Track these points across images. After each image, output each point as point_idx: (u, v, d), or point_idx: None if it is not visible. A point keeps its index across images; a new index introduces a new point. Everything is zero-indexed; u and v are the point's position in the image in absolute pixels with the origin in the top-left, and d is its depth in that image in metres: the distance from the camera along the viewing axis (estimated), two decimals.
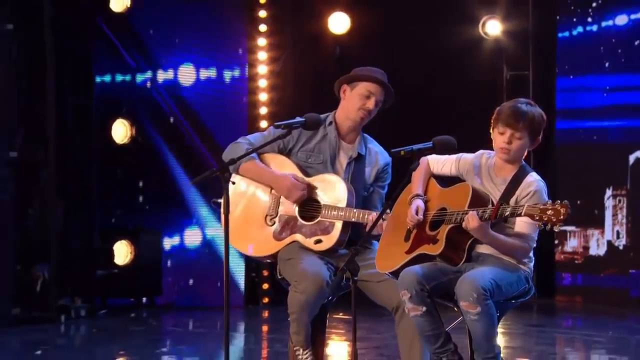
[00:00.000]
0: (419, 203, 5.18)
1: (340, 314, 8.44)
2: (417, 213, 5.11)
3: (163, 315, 9.59)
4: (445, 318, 5.20)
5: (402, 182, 5.17)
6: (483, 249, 5.12)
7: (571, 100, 10.83)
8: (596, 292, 10.43)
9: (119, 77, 10.15)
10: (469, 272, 5.02)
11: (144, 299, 9.87)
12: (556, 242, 10.51)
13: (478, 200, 4.96)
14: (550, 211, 4.74)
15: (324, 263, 5.42)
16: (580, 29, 10.62)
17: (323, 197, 5.69)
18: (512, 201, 5.01)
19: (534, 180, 5.01)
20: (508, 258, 5.11)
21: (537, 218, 4.75)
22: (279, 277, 5.65)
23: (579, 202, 10.19)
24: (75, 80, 9.69)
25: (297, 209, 5.65)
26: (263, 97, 10.10)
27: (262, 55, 10.00)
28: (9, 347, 8.66)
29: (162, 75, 10.26)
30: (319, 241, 5.63)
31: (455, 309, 5.00)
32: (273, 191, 5.68)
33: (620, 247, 10.31)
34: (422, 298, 5.07)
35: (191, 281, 9.85)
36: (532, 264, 5.15)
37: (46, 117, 9.22)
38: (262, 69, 9.96)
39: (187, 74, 10.27)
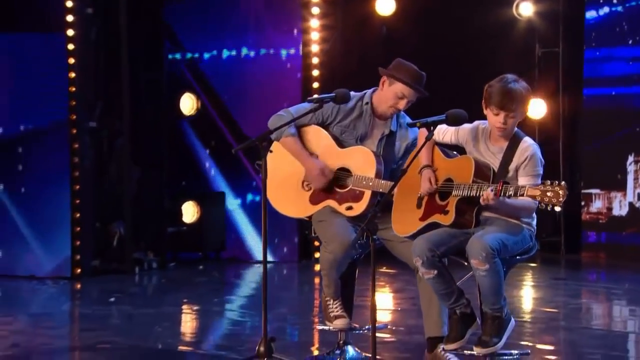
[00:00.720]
0: (430, 174, 5.29)
1: (384, 267, 8.88)
2: (431, 183, 5.22)
3: (226, 268, 9.93)
4: (458, 275, 5.37)
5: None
6: (490, 213, 5.20)
7: (598, 70, 10.89)
8: (618, 249, 10.52)
9: (188, 55, 10.62)
10: (478, 233, 5.15)
11: (210, 254, 10.21)
12: (582, 203, 10.69)
13: (480, 172, 5.07)
14: (550, 193, 4.85)
15: (352, 226, 5.59)
16: (606, 9, 10.67)
17: (355, 167, 5.81)
18: (512, 168, 5.12)
19: (528, 145, 5.10)
20: (513, 219, 5.21)
21: (539, 199, 4.84)
22: (313, 235, 5.91)
23: (603, 166, 10.49)
24: (147, 57, 10.12)
25: (334, 177, 5.79)
26: (315, 73, 10.33)
27: (314, 36, 10.25)
28: (90, 295, 9.18)
29: (226, 53, 10.66)
30: (349, 208, 5.80)
31: (466, 264, 5.15)
32: (317, 160, 5.84)
33: None
34: (433, 263, 5.20)
35: (250, 238, 10.21)
36: (534, 222, 5.24)
37: (122, 91, 9.68)
38: (315, 48, 10.25)
39: (248, 53, 10.63)
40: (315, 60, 10.47)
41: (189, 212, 10.23)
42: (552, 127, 10.73)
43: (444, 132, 5.26)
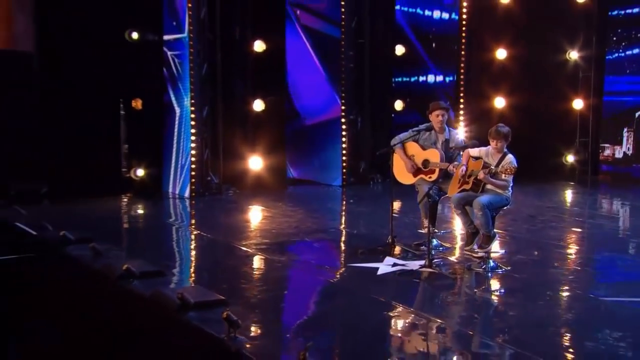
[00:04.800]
0: (464, 168, 6.96)
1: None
2: (464, 173, 6.80)
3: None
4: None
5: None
6: (488, 187, 6.84)
7: (614, 87, 12.06)
8: (616, 174, 12.41)
9: None
10: (479, 196, 6.79)
11: None
12: (600, 151, 12.62)
13: (485, 167, 6.77)
14: (507, 171, 6.65)
15: (430, 186, 7.22)
16: (615, 54, 12.28)
17: (431, 158, 7.39)
18: (500, 166, 6.72)
19: (509, 157, 6.73)
20: (499, 190, 6.84)
21: (503, 174, 6.66)
22: (417, 190, 7.58)
23: (610, 132, 12.24)
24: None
25: (420, 164, 7.42)
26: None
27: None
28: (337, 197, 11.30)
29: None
30: (430, 177, 7.48)
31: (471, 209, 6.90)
32: (410, 159, 7.49)
33: (629, 154, 12.38)
34: (459, 207, 6.99)
35: None
36: (510, 193, 6.87)
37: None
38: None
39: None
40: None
41: None
42: (586, 114, 12.60)
43: (475, 151, 7.03)
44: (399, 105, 12.22)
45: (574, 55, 12.67)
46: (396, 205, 9.62)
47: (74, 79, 10.41)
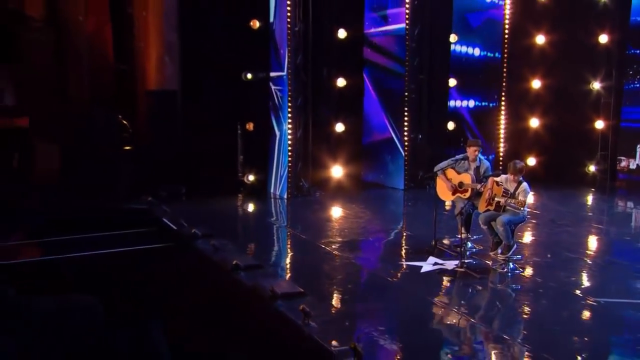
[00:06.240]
0: (490, 191, 7.07)
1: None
2: (490, 196, 6.97)
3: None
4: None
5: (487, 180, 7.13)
6: (508, 207, 7.00)
7: (633, 101, 11.48)
8: (630, 182, 11.99)
9: None
10: (501, 215, 6.99)
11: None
12: (617, 162, 12.15)
13: (505, 193, 6.92)
14: (519, 204, 6.69)
15: (466, 202, 7.44)
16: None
17: (465, 180, 7.58)
18: (517, 192, 6.88)
19: (524, 185, 6.92)
20: (515, 210, 6.97)
21: (519, 205, 6.65)
22: (454, 205, 7.70)
23: (626, 147, 11.63)
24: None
25: (457, 186, 7.58)
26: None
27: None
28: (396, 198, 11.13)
29: None
30: (464, 195, 7.63)
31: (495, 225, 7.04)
32: (449, 182, 7.65)
33: None
34: (486, 223, 7.18)
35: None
36: (525, 212, 7.01)
37: None
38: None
39: None
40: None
41: None
42: (606, 132, 12.27)
43: (499, 178, 7.20)
44: (451, 125, 12.21)
45: (596, 85, 12.43)
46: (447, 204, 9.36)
47: (205, 108, 11.02)
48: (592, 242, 8.77)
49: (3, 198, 9.54)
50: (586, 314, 6.01)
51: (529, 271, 7.16)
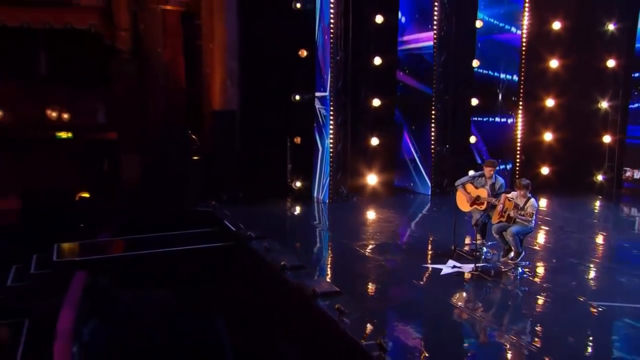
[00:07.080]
0: (501, 205, 7.04)
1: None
2: (502, 209, 6.92)
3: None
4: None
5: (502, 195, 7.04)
6: (518, 219, 6.95)
7: (637, 120, 11.30)
8: (636, 190, 11.89)
9: None
10: (511, 227, 6.94)
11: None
12: (622, 172, 12.05)
13: (515, 207, 6.90)
14: (528, 215, 6.69)
15: (482, 213, 7.37)
16: None
17: (481, 194, 7.48)
18: (525, 206, 6.84)
19: (532, 200, 6.85)
20: (525, 222, 6.89)
21: (528, 217, 6.66)
22: (472, 216, 7.56)
23: (631, 158, 11.49)
24: None
25: (474, 199, 7.45)
26: None
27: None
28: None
29: None
30: (481, 207, 7.51)
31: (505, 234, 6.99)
32: (468, 194, 7.52)
33: None
34: (497, 233, 7.14)
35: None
36: (533, 224, 6.91)
37: None
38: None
39: None
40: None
41: None
42: (613, 146, 12.19)
43: (510, 194, 7.22)
44: (473, 139, 12.11)
45: (604, 104, 12.35)
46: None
47: (260, 124, 11.30)
48: (597, 248, 8.62)
49: (96, 197, 10.69)
50: (588, 317, 5.94)
51: (538, 272, 7.13)
